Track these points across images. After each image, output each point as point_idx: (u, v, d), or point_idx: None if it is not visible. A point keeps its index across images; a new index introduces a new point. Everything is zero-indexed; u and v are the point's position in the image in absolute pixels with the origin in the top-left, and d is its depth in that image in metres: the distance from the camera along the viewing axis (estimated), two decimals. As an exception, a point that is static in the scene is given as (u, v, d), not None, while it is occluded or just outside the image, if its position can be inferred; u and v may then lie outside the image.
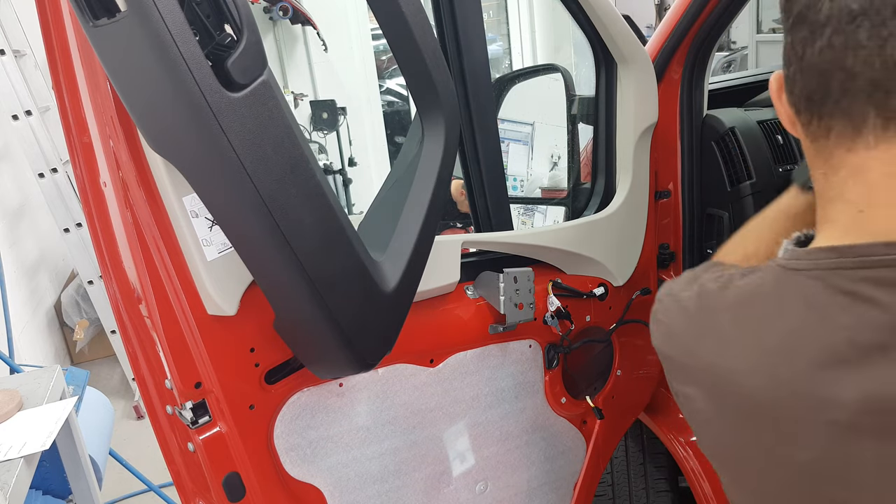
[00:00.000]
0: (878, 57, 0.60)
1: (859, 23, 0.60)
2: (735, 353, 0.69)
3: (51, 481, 2.05)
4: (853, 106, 0.63)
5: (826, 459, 0.64)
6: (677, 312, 0.78)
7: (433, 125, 1.07)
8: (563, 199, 1.97)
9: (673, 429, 1.73)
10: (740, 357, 0.68)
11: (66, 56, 0.98)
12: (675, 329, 0.78)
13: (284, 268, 0.91)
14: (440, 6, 1.29)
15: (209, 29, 0.80)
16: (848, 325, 0.61)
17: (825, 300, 0.63)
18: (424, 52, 1.01)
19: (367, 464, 1.27)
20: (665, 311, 0.81)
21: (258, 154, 0.84)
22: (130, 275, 1.02)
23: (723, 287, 0.73)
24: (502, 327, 1.34)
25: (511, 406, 1.43)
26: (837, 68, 0.62)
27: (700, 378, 0.74)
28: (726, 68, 6.10)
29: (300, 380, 1.15)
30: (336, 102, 5.23)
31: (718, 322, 0.72)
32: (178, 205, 0.97)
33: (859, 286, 0.61)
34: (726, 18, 1.54)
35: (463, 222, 2.34)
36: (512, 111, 2.15)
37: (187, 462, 1.10)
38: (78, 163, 1.03)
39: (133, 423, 3.50)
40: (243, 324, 1.05)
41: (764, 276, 0.69)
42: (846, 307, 0.62)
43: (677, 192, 1.66)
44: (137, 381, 1.09)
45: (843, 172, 0.65)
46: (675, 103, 1.63)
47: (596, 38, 1.46)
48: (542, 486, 1.53)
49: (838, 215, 0.67)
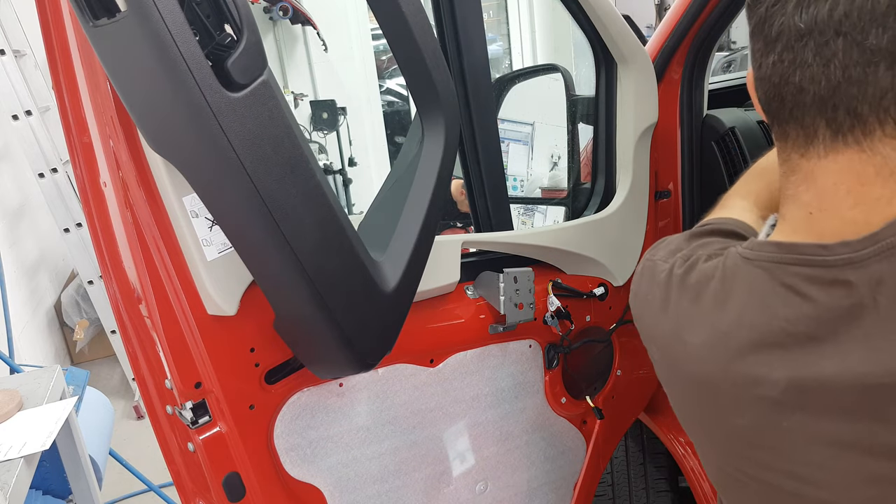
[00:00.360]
0: (824, 75, 0.64)
1: (805, 42, 0.64)
2: (689, 329, 0.77)
3: (51, 481, 2.05)
4: (805, 117, 0.67)
5: (757, 427, 0.73)
6: (650, 280, 0.85)
7: (433, 125, 1.07)
8: (563, 199, 1.97)
9: (673, 429, 1.73)
10: (693, 332, 0.76)
11: (66, 56, 0.98)
12: (646, 295, 0.86)
13: (284, 268, 0.91)
14: (440, 6, 1.29)
15: (209, 29, 0.80)
16: (783, 315, 0.69)
17: (767, 289, 0.70)
18: (424, 52, 1.01)
19: (367, 464, 1.27)
20: (642, 274, 0.88)
21: (258, 154, 0.84)
22: (130, 275, 1.02)
23: (688, 270, 0.79)
24: (502, 327, 1.34)
25: (511, 406, 1.43)
26: (788, 83, 0.66)
27: (661, 343, 0.83)
28: (726, 68, 6.11)
29: (300, 380, 1.15)
30: (336, 102, 5.23)
31: (680, 299, 0.79)
32: (178, 205, 0.97)
33: (795, 281, 0.68)
34: (726, 18, 1.54)
35: (463, 222, 2.34)
36: (512, 111, 2.15)
37: (187, 462, 1.10)
38: (78, 163, 1.03)
39: (133, 423, 3.50)
40: (243, 324, 1.05)
41: (724, 262, 0.75)
42: (784, 298, 0.69)
43: (677, 192, 1.66)
44: (137, 381, 1.09)
45: (798, 176, 0.70)
46: (675, 103, 1.63)
47: (596, 38, 1.46)
48: (542, 486, 1.53)
49: (792, 214, 0.72)
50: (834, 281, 0.66)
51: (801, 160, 0.69)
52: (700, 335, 0.76)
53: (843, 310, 0.66)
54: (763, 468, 0.76)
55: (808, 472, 0.72)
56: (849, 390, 0.66)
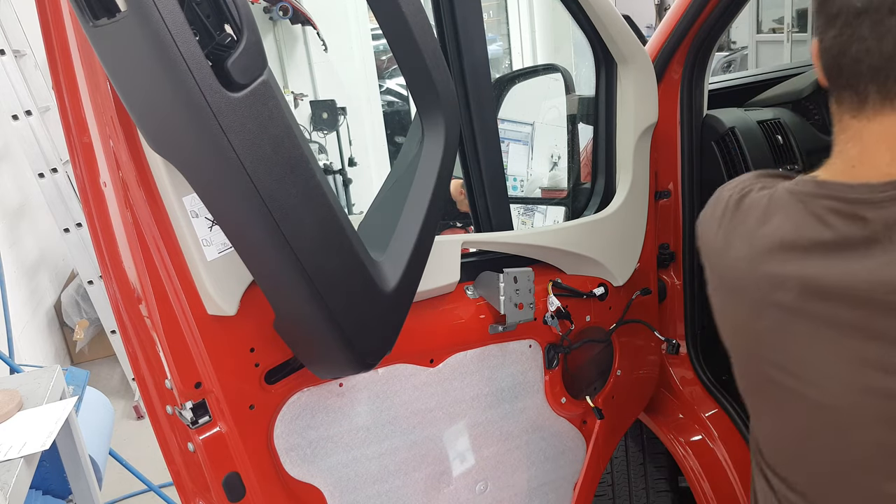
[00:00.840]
0: (878, 48, 0.76)
1: (862, 19, 0.76)
2: (734, 244, 0.92)
3: (51, 481, 2.05)
4: (859, 84, 0.79)
5: (774, 330, 0.88)
6: (713, 206, 0.99)
7: (433, 125, 1.07)
8: (563, 199, 1.97)
9: (673, 429, 1.74)
10: (736, 247, 0.91)
11: (66, 56, 0.98)
12: (708, 218, 1.00)
13: (284, 268, 0.91)
14: (440, 6, 1.29)
15: (209, 29, 0.80)
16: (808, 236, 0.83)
17: (800, 217, 0.84)
18: (424, 52, 1.01)
19: (367, 464, 1.27)
20: (709, 203, 1.02)
21: (258, 154, 0.84)
22: (130, 275, 1.02)
23: (742, 197, 0.94)
24: (502, 327, 1.34)
25: (511, 406, 1.43)
26: (845, 54, 0.78)
27: (712, 258, 0.98)
28: (726, 68, 6.11)
29: (300, 380, 1.15)
30: (336, 102, 5.23)
31: (731, 220, 0.93)
32: (178, 205, 0.97)
33: (822, 211, 0.82)
34: (726, 18, 1.54)
35: (463, 222, 2.34)
36: (512, 111, 2.14)
37: (187, 462, 1.10)
38: (78, 163, 1.03)
39: (133, 423, 3.50)
40: (243, 324, 1.05)
41: (773, 193, 0.89)
42: (811, 224, 0.83)
43: (677, 192, 1.66)
44: (137, 381, 1.09)
45: (848, 134, 0.83)
46: (675, 103, 1.63)
47: (596, 38, 1.46)
48: (542, 486, 1.53)
49: (837, 166, 0.85)
50: (853, 215, 0.79)
51: (852, 121, 0.82)
52: (741, 249, 0.90)
53: (858, 240, 0.79)
54: (777, 369, 0.89)
55: (812, 375, 0.86)
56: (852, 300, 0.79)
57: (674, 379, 1.77)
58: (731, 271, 0.93)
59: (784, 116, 1.70)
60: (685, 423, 1.73)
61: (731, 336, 0.98)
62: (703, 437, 1.70)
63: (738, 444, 1.67)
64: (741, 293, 0.92)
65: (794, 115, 1.74)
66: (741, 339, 0.96)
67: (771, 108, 1.78)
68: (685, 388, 1.76)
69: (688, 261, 1.70)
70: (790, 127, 1.68)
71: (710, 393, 1.74)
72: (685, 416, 1.74)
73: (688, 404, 1.75)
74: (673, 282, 1.73)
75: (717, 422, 1.71)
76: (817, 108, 1.81)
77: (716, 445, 1.68)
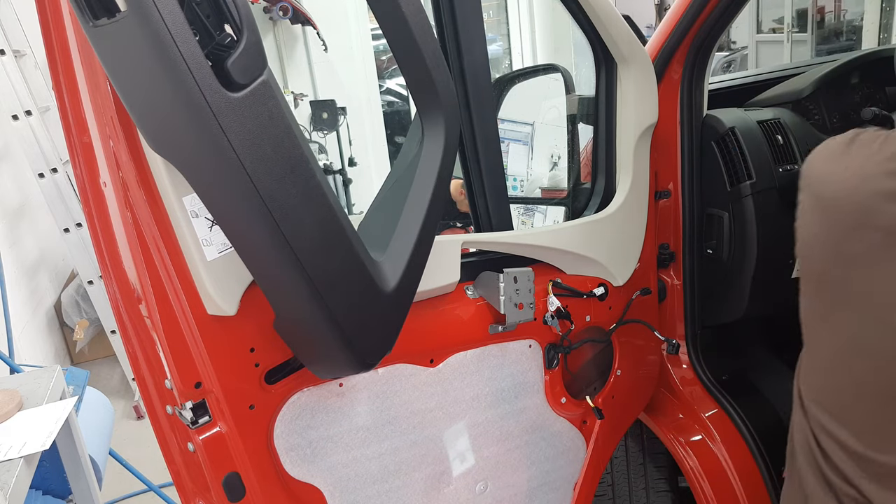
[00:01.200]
0: None
1: None
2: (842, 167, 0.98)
3: (51, 481, 2.05)
4: None
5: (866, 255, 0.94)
6: (824, 145, 1.04)
7: (433, 125, 1.07)
8: (563, 199, 1.97)
9: (673, 429, 1.74)
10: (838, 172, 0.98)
11: (66, 56, 0.98)
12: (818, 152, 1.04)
13: (284, 268, 0.91)
14: (440, 6, 1.29)
15: (209, 29, 0.80)
16: None
17: None
18: (424, 52, 1.01)
19: (367, 464, 1.27)
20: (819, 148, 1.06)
21: (258, 154, 0.84)
22: (130, 275, 1.02)
23: (858, 134, 1.00)
24: (502, 327, 1.34)
25: (511, 406, 1.43)
26: None
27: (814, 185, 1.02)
28: (726, 68, 6.11)
29: (300, 380, 1.15)
30: (336, 102, 5.23)
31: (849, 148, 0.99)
32: (178, 205, 0.97)
33: None
34: (726, 18, 1.54)
35: (463, 222, 2.34)
36: (512, 111, 2.14)
37: (187, 462, 1.10)
38: (78, 163, 1.03)
39: (133, 423, 3.50)
40: (243, 324, 1.05)
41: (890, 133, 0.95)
42: None
43: (677, 192, 1.66)
44: (137, 381, 1.09)
45: None
46: (675, 103, 1.63)
47: (596, 38, 1.46)
48: (542, 486, 1.53)
49: None
50: None
51: None
52: (849, 170, 0.96)
53: None
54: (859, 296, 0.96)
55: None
56: None
57: (674, 379, 1.77)
58: (829, 188, 0.98)
59: (784, 116, 1.70)
60: (685, 423, 1.73)
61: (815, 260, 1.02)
62: (703, 437, 1.70)
63: (738, 444, 1.68)
64: (836, 210, 0.97)
65: (794, 115, 1.74)
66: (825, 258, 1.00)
67: (771, 108, 1.78)
68: (685, 388, 1.76)
69: (688, 261, 1.70)
70: (790, 127, 1.68)
71: (710, 393, 1.74)
72: (685, 416, 1.74)
73: (688, 404, 1.75)
74: (673, 282, 1.73)
75: (717, 422, 1.71)
76: (817, 108, 1.81)
77: (716, 445, 1.68)
